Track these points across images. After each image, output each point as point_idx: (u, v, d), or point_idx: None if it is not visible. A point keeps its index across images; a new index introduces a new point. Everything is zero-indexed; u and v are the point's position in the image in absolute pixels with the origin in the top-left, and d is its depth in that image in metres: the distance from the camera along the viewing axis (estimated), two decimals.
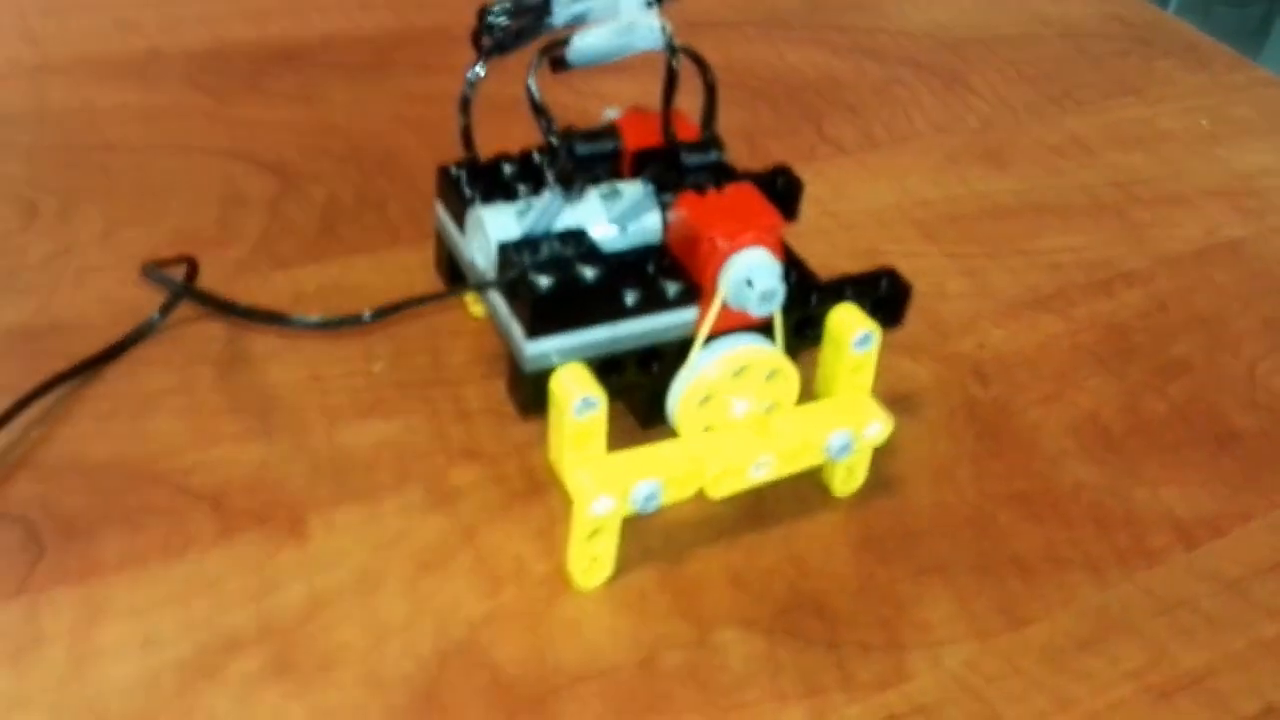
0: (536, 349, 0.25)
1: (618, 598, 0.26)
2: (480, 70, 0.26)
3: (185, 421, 0.29)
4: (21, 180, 0.36)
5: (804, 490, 0.29)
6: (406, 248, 0.35)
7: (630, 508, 0.25)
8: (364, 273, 0.34)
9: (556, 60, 0.25)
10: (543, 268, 0.25)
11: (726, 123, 0.27)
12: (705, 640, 0.25)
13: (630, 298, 0.25)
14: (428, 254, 0.35)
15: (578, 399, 0.24)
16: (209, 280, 0.33)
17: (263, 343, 0.31)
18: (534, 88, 0.25)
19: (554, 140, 0.25)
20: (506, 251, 0.25)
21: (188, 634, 0.24)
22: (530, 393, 0.26)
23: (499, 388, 0.31)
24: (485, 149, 0.28)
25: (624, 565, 0.26)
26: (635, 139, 0.28)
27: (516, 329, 0.25)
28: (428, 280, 0.34)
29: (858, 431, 0.27)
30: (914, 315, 0.35)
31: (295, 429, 0.29)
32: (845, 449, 0.27)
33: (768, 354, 0.26)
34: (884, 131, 0.44)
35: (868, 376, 0.28)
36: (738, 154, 0.43)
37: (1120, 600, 0.27)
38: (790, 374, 0.27)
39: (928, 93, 0.47)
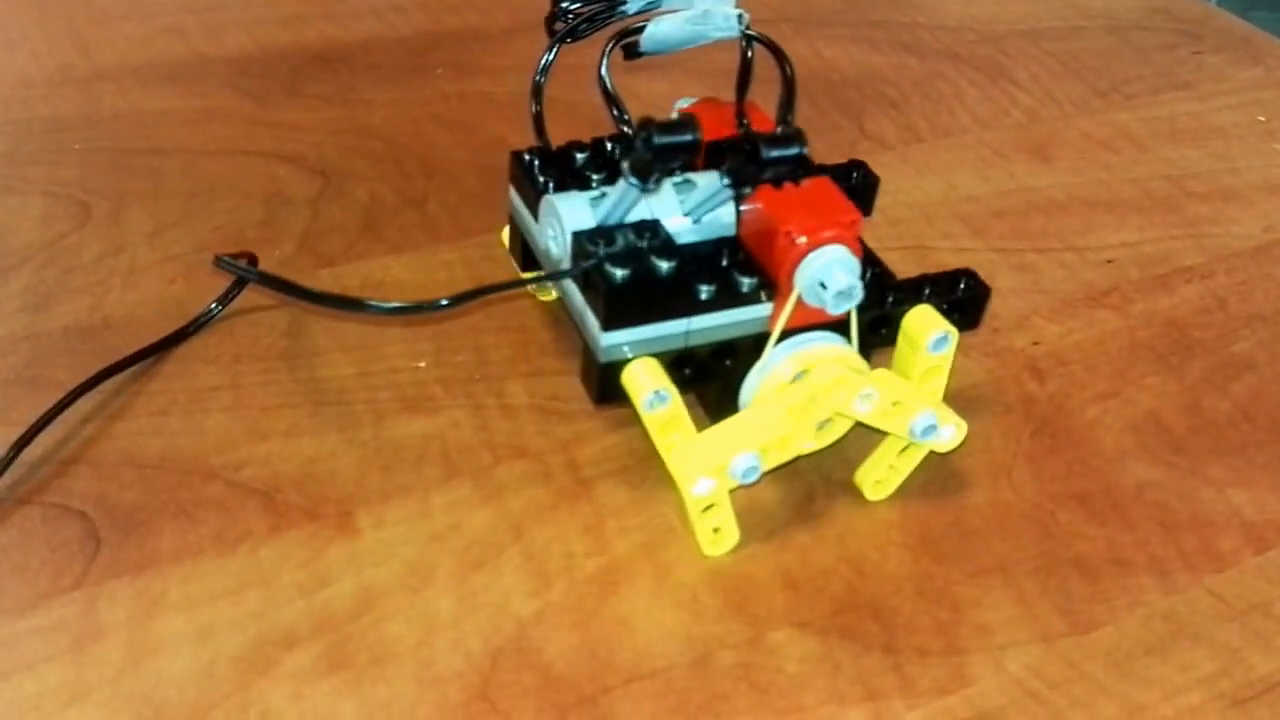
0: (611, 340, 0.25)
1: (668, 597, 0.25)
2: (552, 55, 0.26)
3: (235, 417, 0.29)
4: (74, 183, 0.37)
5: (857, 490, 0.28)
6: (447, 245, 0.35)
7: (732, 482, 0.25)
8: (406, 269, 0.34)
9: (629, 48, 0.25)
10: (618, 259, 0.25)
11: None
12: (759, 641, 0.25)
13: (705, 292, 0.25)
14: (468, 251, 0.35)
15: (649, 393, 0.24)
16: None
17: (307, 340, 0.31)
18: (606, 75, 0.24)
19: (629, 130, 0.25)
20: (581, 241, 0.25)
21: (242, 628, 0.24)
22: (605, 383, 0.25)
23: (543, 384, 0.30)
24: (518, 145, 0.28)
25: (673, 564, 0.26)
26: (709, 130, 0.27)
27: (591, 320, 0.25)
28: (469, 276, 0.34)
29: (940, 422, 0.27)
30: None
31: (342, 424, 0.29)
32: (928, 432, 0.26)
33: (842, 353, 0.26)
34: (926, 126, 0.43)
35: (942, 381, 0.27)
36: None
37: (1189, 604, 0.26)
38: (862, 369, 0.26)
39: (970, 87, 0.46)
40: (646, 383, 0.25)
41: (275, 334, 0.31)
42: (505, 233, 0.32)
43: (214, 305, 0.31)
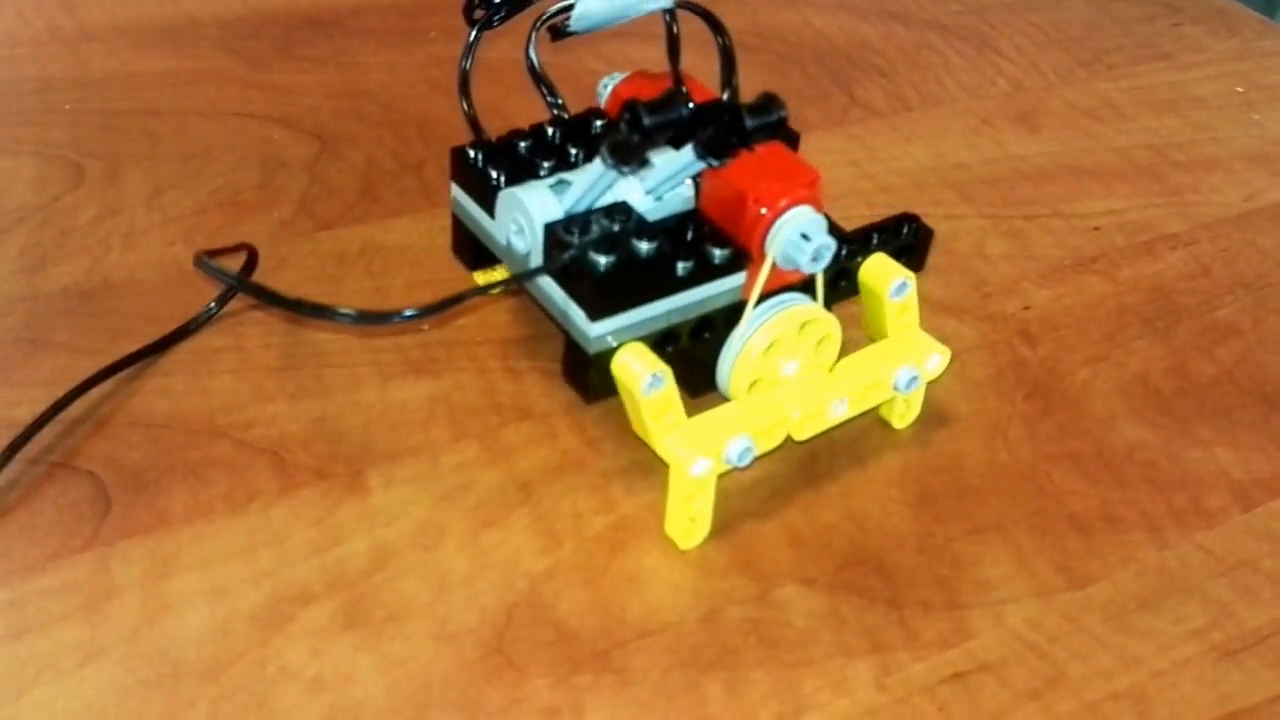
0: (601, 329, 0.24)
1: (676, 554, 0.26)
2: (472, 43, 0.25)
3: (240, 378, 0.29)
4: (67, 145, 0.36)
5: (859, 449, 0.29)
6: (445, 210, 0.35)
7: (725, 465, 0.25)
8: (405, 234, 0.34)
9: (556, 28, 0.24)
10: (599, 246, 0.24)
11: (756, 87, 0.26)
12: (767, 597, 0.25)
13: (682, 269, 0.25)
14: None
15: (647, 378, 0.24)
16: (256, 240, 0.33)
17: None
18: (534, 58, 0.24)
19: (561, 113, 0.24)
20: (556, 232, 0.24)
21: (257, 586, 0.24)
22: (597, 377, 0.25)
23: (547, 347, 0.30)
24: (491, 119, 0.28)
25: None
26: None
27: (576, 312, 0.25)
28: None
29: (920, 366, 0.28)
30: (957, 276, 0.35)
31: (348, 386, 0.29)
32: (912, 383, 0.27)
33: (814, 311, 0.27)
34: (915, 94, 0.44)
35: (913, 317, 0.29)
36: None
37: (1180, 560, 0.27)
38: (834, 328, 0.27)
39: (956, 56, 0.47)
40: (641, 367, 0.24)
41: None
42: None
43: (212, 305, 0.29)
